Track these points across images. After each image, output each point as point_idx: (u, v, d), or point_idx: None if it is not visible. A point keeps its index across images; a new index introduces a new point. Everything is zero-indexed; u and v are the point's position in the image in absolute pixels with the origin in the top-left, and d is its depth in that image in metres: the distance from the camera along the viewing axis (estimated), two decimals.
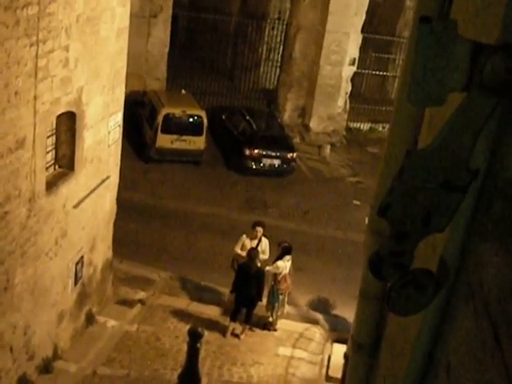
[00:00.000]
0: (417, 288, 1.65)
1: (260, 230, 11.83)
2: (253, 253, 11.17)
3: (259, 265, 11.29)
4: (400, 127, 3.33)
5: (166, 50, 20.71)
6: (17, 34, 6.92)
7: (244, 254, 11.44)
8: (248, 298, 11.24)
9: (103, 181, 10.30)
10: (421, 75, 1.46)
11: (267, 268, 11.34)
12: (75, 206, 9.33)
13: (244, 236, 11.84)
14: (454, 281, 1.87)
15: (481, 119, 1.45)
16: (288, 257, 11.39)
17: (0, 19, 6.55)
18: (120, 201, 11.49)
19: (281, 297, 11.60)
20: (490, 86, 1.42)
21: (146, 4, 19.34)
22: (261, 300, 11.40)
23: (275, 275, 11.39)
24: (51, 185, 8.61)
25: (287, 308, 12.02)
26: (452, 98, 1.53)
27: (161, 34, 20.34)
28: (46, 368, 9.47)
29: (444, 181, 1.46)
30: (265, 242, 11.86)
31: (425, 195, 1.50)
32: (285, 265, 11.35)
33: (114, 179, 10.99)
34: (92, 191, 9.88)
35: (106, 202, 10.78)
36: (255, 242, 11.75)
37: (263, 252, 11.73)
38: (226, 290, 11.97)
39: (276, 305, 11.59)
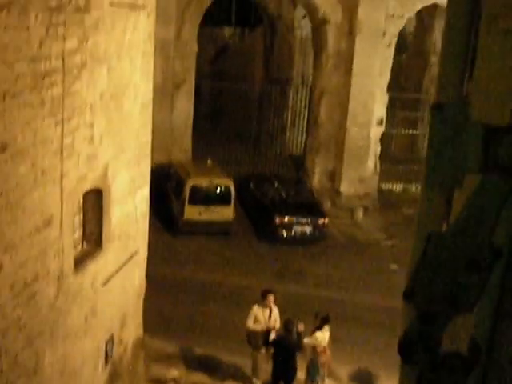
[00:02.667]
0: (448, 371, 1.63)
1: (271, 298, 11.74)
2: (289, 324, 11.04)
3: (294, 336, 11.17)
4: (427, 206, 3.37)
5: (191, 120, 21.21)
6: (42, 114, 7.21)
7: (259, 327, 11.36)
8: (287, 372, 11.07)
9: (132, 256, 10.41)
10: (436, 161, 1.52)
11: (306, 340, 11.19)
12: (104, 284, 9.42)
13: (255, 307, 11.71)
14: (486, 360, 1.85)
15: (499, 199, 1.49)
16: (326, 327, 11.26)
17: (26, 100, 6.85)
18: (149, 276, 11.56)
19: (321, 369, 11.40)
20: (505, 167, 1.47)
21: (168, 76, 19.96)
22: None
23: (314, 347, 11.23)
24: (79, 263, 8.73)
25: (327, 381, 11.78)
26: (470, 179, 1.59)
27: (184, 104, 20.88)
28: None
29: (468, 262, 1.49)
30: (275, 310, 11.75)
31: (450, 277, 1.51)
32: (324, 336, 11.20)
33: (143, 254, 11.11)
34: (121, 267, 9.98)
35: (135, 277, 10.87)
36: (267, 311, 11.64)
37: (275, 321, 11.63)
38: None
39: (316, 378, 11.38)
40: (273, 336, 11.39)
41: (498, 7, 2.30)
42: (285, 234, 17.96)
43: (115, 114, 9.20)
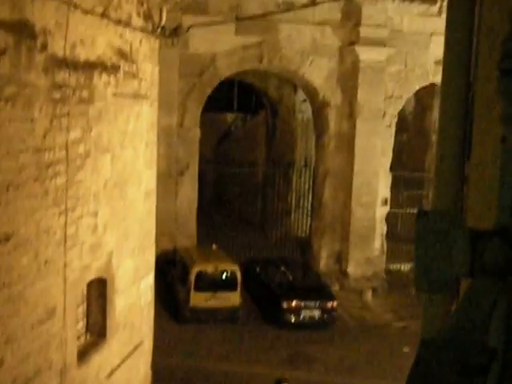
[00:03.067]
0: None
1: None
2: None
3: None
4: (424, 311, 3.37)
5: (195, 205, 21.30)
6: (46, 204, 7.24)
7: None
8: None
9: (137, 346, 10.21)
10: (424, 264, 1.54)
11: None
12: (108, 376, 9.20)
13: None
14: None
15: (489, 301, 1.49)
16: None
17: (29, 191, 6.89)
18: (155, 366, 11.30)
19: None
20: (492, 270, 1.49)
21: (172, 163, 20.20)
22: None
23: None
24: (83, 354, 8.56)
25: None
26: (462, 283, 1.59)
27: (189, 190, 21.03)
28: None
29: (462, 366, 1.45)
30: None
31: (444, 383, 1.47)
32: None
33: (148, 344, 10.90)
34: (125, 358, 9.77)
35: (140, 368, 10.62)
36: None
37: None
38: None
39: None
40: None
41: (490, 94, 2.34)
42: (293, 319, 17.66)
43: (119, 203, 9.25)
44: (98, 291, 9.08)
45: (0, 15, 5.69)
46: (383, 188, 21.36)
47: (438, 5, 20.31)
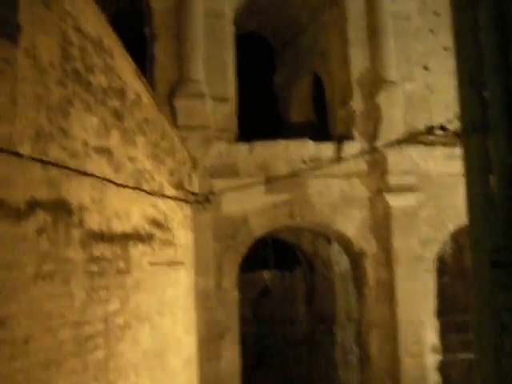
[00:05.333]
0: None
1: None
2: None
3: None
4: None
5: (238, 369, 20.73)
6: (86, 380, 7.13)
7: None
8: None
9: None
10: None
11: None
12: None
13: None
14: None
15: None
16: None
17: (69, 367, 6.82)
18: None
19: None
20: None
21: (212, 326, 19.97)
22: None
23: None
24: None
25: None
26: None
27: (230, 354, 20.55)
28: None
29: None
30: None
31: None
32: None
33: None
34: None
35: None
36: None
37: None
38: None
39: None
40: None
41: None
42: None
43: (159, 373, 9.08)
44: None
45: (39, 196, 5.96)
46: (431, 335, 20.68)
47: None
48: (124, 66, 8.56)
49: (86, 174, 7.02)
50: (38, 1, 5.83)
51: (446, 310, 22.99)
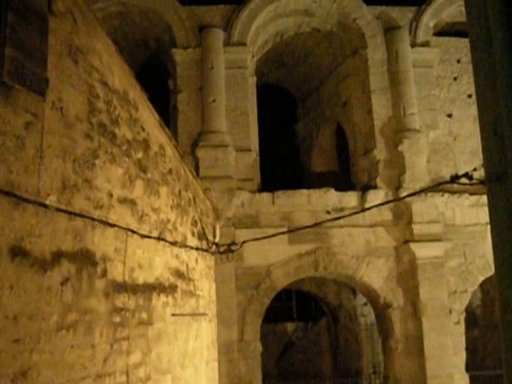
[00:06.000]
0: None
1: None
2: None
3: None
4: None
5: None
6: None
7: None
8: None
9: None
10: None
11: None
12: None
13: None
14: None
15: None
16: None
17: None
18: None
19: None
20: None
21: (234, 380, 19.75)
22: None
23: None
24: None
25: None
26: None
27: None
28: None
29: None
30: None
31: None
32: None
33: None
34: None
35: None
36: None
37: None
38: None
39: None
40: None
41: None
42: None
43: None
44: None
45: (64, 246, 6.08)
46: None
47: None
48: (148, 117, 8.77)
49: (110, 224, 7.14)
50: (66, 56, 6.06)
51: (476, 364, 22.53)
